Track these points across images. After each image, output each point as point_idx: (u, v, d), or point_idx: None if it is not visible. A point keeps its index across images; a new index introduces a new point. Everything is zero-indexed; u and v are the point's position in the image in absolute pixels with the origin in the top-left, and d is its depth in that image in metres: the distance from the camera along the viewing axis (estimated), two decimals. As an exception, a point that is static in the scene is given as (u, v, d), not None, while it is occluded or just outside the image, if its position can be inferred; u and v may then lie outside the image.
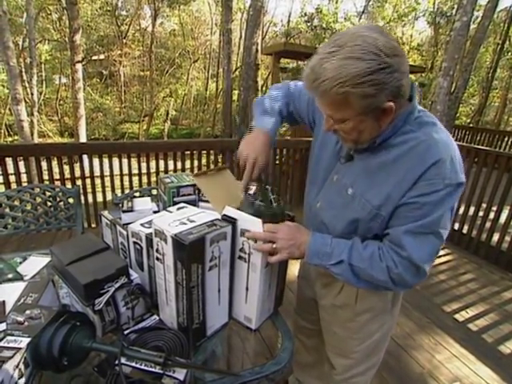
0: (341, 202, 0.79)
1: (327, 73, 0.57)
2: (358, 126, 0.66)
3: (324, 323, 1.04)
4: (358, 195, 0.75)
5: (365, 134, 0.68)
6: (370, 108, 0.61)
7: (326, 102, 0.64)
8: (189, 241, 0.66)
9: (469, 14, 3.83)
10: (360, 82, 0.56)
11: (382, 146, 0.72)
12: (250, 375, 0.73)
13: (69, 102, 13.70)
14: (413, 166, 0.67)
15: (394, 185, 0.69)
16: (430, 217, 0.67)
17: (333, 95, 0.59)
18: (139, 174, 2.83)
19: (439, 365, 1.67)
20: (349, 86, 0.57)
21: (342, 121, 0.66)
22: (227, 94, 7.14)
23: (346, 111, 0.63)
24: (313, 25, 15.25)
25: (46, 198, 1.73)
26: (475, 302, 2.23)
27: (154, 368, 0.63)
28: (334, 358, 1.04)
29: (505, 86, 15.31)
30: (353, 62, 0.56)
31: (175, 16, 16.24)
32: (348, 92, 0.58)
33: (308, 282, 1.09)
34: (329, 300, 0.97)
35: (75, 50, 7.30)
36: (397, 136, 0.70)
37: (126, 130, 15.32)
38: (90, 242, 0.87)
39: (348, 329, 0.95)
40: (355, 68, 0.56)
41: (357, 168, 0.77)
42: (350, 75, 0.56)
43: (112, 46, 15.14)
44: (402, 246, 0.70)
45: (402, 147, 0.69)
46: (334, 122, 0.68)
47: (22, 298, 0.74)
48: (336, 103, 0.62)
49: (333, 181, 0.83)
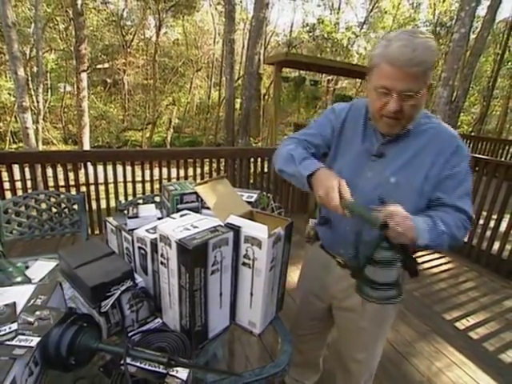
0: (384, 193, 0.87)
1: (424, 54, 0.75)
2: (420, 101, 0.81)
3: (347, 324, 1.10)
4: (402, 181, 0.87)
5: (416, 111, 0.84)
6: (429, 79, 0.80)
7: (413, 75, 0.76)
8: (192, 245, 0.69)
9: (467, 26, 3.91)
10: (432, 64, 0.78)
11: (409, 137, 0.89)
12: (250, 376, 0.75)
13: (73, 110, 13.89)
14: (443, 147, 0.86)
15: (430, 164, 0.86)
16: (466, 182, 0.88)
17: (420, 71, 0.75)
18: (142, 181, 2.87)
19: (439, 372, 1.67)
20: (430, 65, 0.77)
21: (416, 92, 0.78)
22: (229, 102, 7.24)
23: (423, 82, 0.78)
24: (314, 35, 15.49)
25: (52, 204, 1.77)
26: (476, 311, 2.23)
27: (157, 368, 0.66)
28: (356, 354, 1.12)
29: (506, 95, 15.40)
30: (431, 45, 0.77)
31: (179, 26, 16.57)
32: (430, 67, 0.77)
33: (320, 293, 1.14)
34: (356, 298, 0.99)
35: (81, 59, 7.47)
36: (419, 125, 0.89)
37: (129, 138, 15.48)
38: (96, 247, 0.90)
39: (377, 319, 1.04)
40: (431, 54, 0.77)
41: (391, 160, 0.89)
42: (431, 58, 0.77)
43: (116, 55, 15.42)
44: (460, 208, 0.86)
45: (426, 134, 0.88)
46: (404, 99, 0.79)
47: (32, 300, 0.77)
48: (420, 75, 0.77)
49: (368, 178, 0.91)
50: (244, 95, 6.83)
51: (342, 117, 1.00)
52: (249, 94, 6.73)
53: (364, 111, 0.97)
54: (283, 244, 0.85)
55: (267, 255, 0.78)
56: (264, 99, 12.09)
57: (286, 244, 0.87)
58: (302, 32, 16.73)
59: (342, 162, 0.97)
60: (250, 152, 3.78)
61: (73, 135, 13.71)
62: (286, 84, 12.24)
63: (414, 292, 2.40)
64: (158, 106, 15.72)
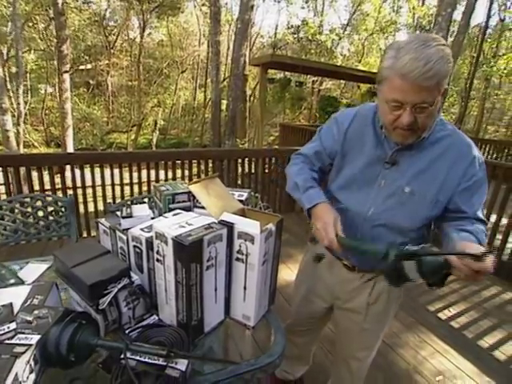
0: (398, 202, 0.89)
1: (437, 66, 0.70)
2: (434, 111, 0.78)
3: (350, 324, 1.12)
4: (416, 191, 0.87)
5: (431, 121, 0.82)
6: (443, 87, 0.75)
7: (427, 88, 0.72)
8: (188, 242, 0.72)
9: (444, 30, 4.09)
10: (447, 72, 0.73)
11: (425, 144, 0.86)
12: (245, 367, 0.78)
13: (55, 112, 13.57)
14: (459, 157, 0.85)
15: (446, 174, 0.85)
16: (483, 191, 0.88)
17: (433, 83, 0.71)
18: (130, 183, 2.86)
19: (424, 360, 1.76)
20: (444, 75, 0.72)
21: (430, 104, 0.75)
22: (216, 104, 7.25)
23: (437, 92, 0.74)
24: (299, 36, 15.68)
25: (39, 207, 1.75)
26: (457, 301, 2.34)
27: (157, 360, 0.69)
28: (357, 352, 1.16)
29: (481, 97, 16.06)
30: (445, 54, 0.71)
31: (163, 27, 16.44)
32: (444, 76, 0.72)
33: (323, 293, 1.16)
34: (361, 300, 1.06)
35: (62, 59, 7.30)
36: (434, 133, 0.87)
37: (114, 140, 15.23)
38: (91, 247, 0.92)
39: (379, 320, 1.08)
40: (446, 63, 0.71)
41: (406, 168, 0.88)
42: (449, 65, 0.72)
43: (99, 56, 15.16)
44: (481, 219, 0.87)
45: (442, 143, 0.86)
46: (416, 111, 0.76)
47: (29, 300, 0.78)
48: (434, 87, 0.72)
49: (381, 186, 0.91)
50: (230, 97, 6.86)
51: (345, 126, 0.98)
52: (235, 96, 6.77)
53: (372, 117, 0.94)
54: (274, 239, 0.89)
55: (260, 250, 0.81)
56: (250, 100, 12.14)
57: (277, 239, 0.91)
58: (286, 34, 16.91)
59: (351, 170, 0.96)
60: (237, 153, 3.81)
61: (55, 138, 13.37)
62: (272, 85, 12.36)
63: (399, 286, 2.49)
64: (142, 107, 15.54)
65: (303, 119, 16.66)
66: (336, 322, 1.20)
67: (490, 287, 2.57)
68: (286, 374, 1.50)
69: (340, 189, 0.99)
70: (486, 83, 15.56)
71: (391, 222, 0.90)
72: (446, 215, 0.90)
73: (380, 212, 0.91)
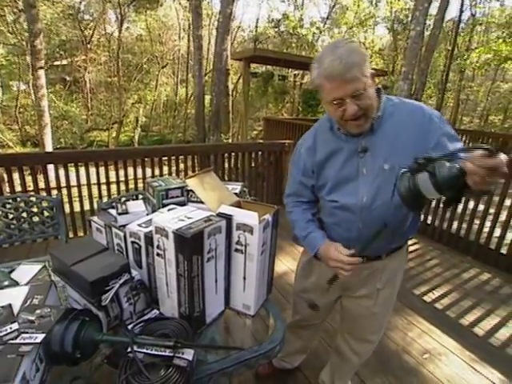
0: (383, 180, 0.94)
1: (350, 59, 0.81)
2: (370, 93, 0.87)
3: (361, 310, 1.17)
4: (395, 164, 0.92)
5: (372, 103, 0.89)
6: (367, 72, 0.85)
7: (352, 78, 0.82)
8: (190, 234, 0.73)
9: (421, 24, 4.20)
10: (364, 60, 0.85)
11: (382, 122, 0.94)
12: (249, 353, 0.81)
13: (30, 110, 13.00)
14: (417, 120, 0.93)
15: (413, 140, 0.92)
16: (452, 135, 0.93)
17: (355, 72, 0.82)
18: (117, 181, 2.81)
19: (411, 341, 1.85)
20: (361, 62, 0.83)
21: (363, 89, 0.84)
22: (199, 99, 7.17)
23: (363, 77, 0.84)
24: (280, 30, 15.64)
25: (25, 208, 1.70)
26: (440, 284, 2.46)
27: (164, 352, 0.70)
28: (369, 336, 1.22)
29: (457, 88, 16.61)
30: (354, 48, 0.84)
31: (142, 21, 15.99)
32: (363, 63, 0.84)
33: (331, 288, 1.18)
34: (371, 287, 1.11)
35: (36, 55, 6.97)
36: (385, 109, 0.95)
37: (94, 138, 14.79)
38: (88, 245, 0.91)
39: (387, 303, 1.15)
40: (358, 53, 0.84)
41: (377, 149, 0.94)
42: (362, 54, 0.84)
43: (76, 51, 14.59)
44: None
45: (396, 114, 0.95)
46: (355, 99, 0.85)
47: (29, 300, 0.78)
48: (358, 75, 0.83)
49: (364, 174, 0.96)
50: (213, 91, 6.80)
51: (309, 144, 1.06)
52: (218, 91, 6.71)
53: (328, 125, 1.03)
54: (271, 229, 0.91)
55: (259, 240, 0.84)
56: (232, 95, 12.07)
57: (274, 229, 0.93)
58: (267, 27, 16.83)
59: (334, 174, 1.01)
60: (223, 148, 3.80)
61: (32, 137, 12.84)
62: (255, 79, 12.32)
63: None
64: (123, 104, 15.14)
65: (286, 113, 16.73)
66: (346, 310, 1.24)
67: (470, 269, 2.71)
68: (284, 363, 1.54)
69: (330, 192, 1.03)
70: (461, 75, 16.10)
71: (386, 201, 0.95)
72: None
73: (373, 196, 0.96)
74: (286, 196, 1.19)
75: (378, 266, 1.08)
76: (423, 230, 3.32)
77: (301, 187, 1.12)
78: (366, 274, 1.10)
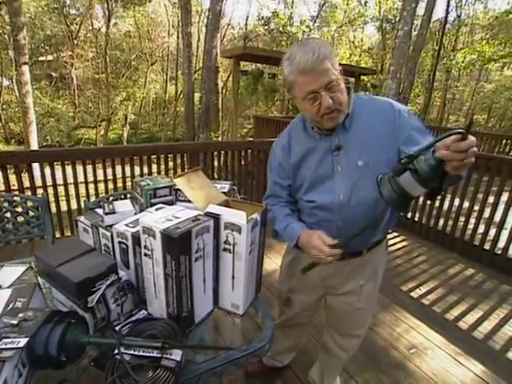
0: (358, 177, 0.95)
1: (321, 51, 0.84)
2: (342, 86, 0.89)
3: (346, 307, 1.18)
4: (368, 160, 0.94)
5: (345, 96, 0.91)
6: (336, 65, 0.88)
7: (324, 69, 0.85)
8: (177, 234, 0.73)
9: (409, 24, 4.26)
10: (332, 53, 0.87)
11: (353, 119, 0.96)
12: (238, 352, 0.81)
13: (14, 107, 12.63)
14: (386, 115, 0.95)
15: (384, 133, 0.94)
16: (422, 129, 0.96)
17: (327, 63, 0.85)
18: (105, 180, 2.76)
19: (399, 336, 1.89)
20: (332, 55, 0.87)
21: (336, 81, 0.87)
22: (189, 97, 7.10)
23: (334, 69, 0.87)
24: (270, 28, 15.61)
25: (9, 208, 1.65)
26: (427, 280, 2.52)
27: (151, 353, 0.69)
28: (355, 330, 1.23)
29: (443, 88, 16.93)
30: (322, 42, 0.88)
31: (130, 17, 15.71)
32: (333, 57, 0.87)
33: (316, 285, 1.19)
34: (354, 283, 1.12)
35: (20, 50, 6.77)
36: (355, 106, 0.97)
37: (82, 136, 14.48)
38: (75, 245, 0.89)
39: (370, 298, 1.16)
40: (327, 47, 0.87)
41: (351, 146, 0.95)
42: (330, 48, 0.87)
43: (61, 47, 14.24)
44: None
45: (366, 110, 0.97)
46: (329, 91, 0.87)
47: (11, 304, 0.76)
48: (329, 67, 0.85)
49: (339, 172, 0.97)
50: (203, 89, 6.74)
51: (283, 143, 1.08)
52: (208, 88, 6.66)
53: (302, 125, 1.04)
54: (260, 228, 0.91)
55: (247, 240, 0.84)
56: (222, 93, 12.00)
57: (262, 228, 0.94)
58: (257, 25, 16.78)
59: (309, 173, 1.02)
60: (212, 146, 3.78)
61: (16, 134, 12.49)
62: (245, 77, 12.27)
63: (375, 269, 2.63)
64: (111, 101, 14.87)
65: (276, 111, 16.74)
66: (330, 307, 1.25)
67: (455, 265, 2.78)
68: (274, 361, 1.55)
69: (307, 192, 1.04)
70: (447, 75, 16.41)
71: (362, 197, 0.96)
72: None
73: (349, 193, 0.97)
74: (265, 198, 1.19)
75: (360, 262, 1.09)
76: (411, 227, 3.39)
77: (277, 188, 1.12)
78: (348, 270, 1.11)
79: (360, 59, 17.48)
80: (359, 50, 17.95)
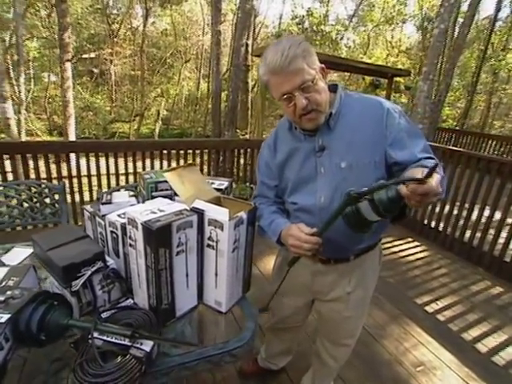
0: (340, 179, 0.91)
1: (291, 51, 0.80)
2: (319, 85, 0.86)
3: (333, 314, 1.14)
4: (352, 162, 0.90)
5: (324, 95, 0.87)
6: (314, 64, 0.85)
7: (296, 70, 0.82)
8: (156, 227, 0.74)
9: (446, 22, 4.00)
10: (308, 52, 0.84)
11: (339, 118, 0.92)
12: (213, 350, 0.81)
13: (58, 101, 13.54)
14: (375, 115, 0.89)
15: (371, 134, 0.89)
16: (413, 131, 0.90)
17: (299, 63, 0.81)
18: (126, 173, 2.88)
19: (406, 352, 1.78)
20: (305, 54, 0.83)
21: (311, 81, 0.83)
22: (216, 95, 7.21)
23: (309, 69, 0.83)
24: (303, 27, 15.41)
25: (32, 194, 1.78)
26: (445, 295, 2.36)
27: (123, 341, 0.71)
28: (344, 340, 1.19)
29: (488, 91, 15.77)
30: (294, 41, 0.83)
31: (167, 16, 16.23)
32: (308, 55, 0.83)
33: (304, 290, 1.16)
34: (341, 290, 1.08)
35: (64, 48, 7.25)
36: (342, 105, 0.92)
37: (117, 130, 15.21)
38: (69, 231, 0.94)
39: (359, 306, 1.11)
40: (301, 46, 0.82)
41: (335, 147, 0.92)
42: (305, 47, 0.83)
43: (103, 45, 15.03)
44: (426, 157, 0.86)
45: (354, 109, 0.92)
46: (304, 91, 0.84)
47: (4, 282, 0.81)
48: (302, 67, 0.82)
49: (322, 173, 0.94)
50: (230, 87, 6.81)
51: (270, 141, 1.06)
52: (235, 86, 6.71)
53: (288, 125, 1.02)
54: (246, 227, 0.90)
55: (229, 237, 0.83)
56: (253, 91, 12.04)
57: (250, 227, 0.92)
58: (291, 24, 16.61)
59: (293, 174, 1.00)
60: (233, 143, 3.81)
61: (58, 126, 13.37)
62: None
63: (389, 279, 2.52)
64: (146, 97, 15.48)
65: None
66: (319, 313, 1.22)
67: (480, 282, 2.58)
68: (269, 364, 1.53)
69: (291, 193, 1.02)
70: (494, 77, 15.25)
71: None
72: (393, 173, 0.91)
73: (331, 195, 0.93)
74: (253, 197, 1.18)
75: (346, 269, 1.05)
76: (434, 237, 3.20)
77: (264, 188, 1.11)
78: (333, 277, 1.06)
79: (397, 60, 16.75)
80: (396, 51, 17.19)
